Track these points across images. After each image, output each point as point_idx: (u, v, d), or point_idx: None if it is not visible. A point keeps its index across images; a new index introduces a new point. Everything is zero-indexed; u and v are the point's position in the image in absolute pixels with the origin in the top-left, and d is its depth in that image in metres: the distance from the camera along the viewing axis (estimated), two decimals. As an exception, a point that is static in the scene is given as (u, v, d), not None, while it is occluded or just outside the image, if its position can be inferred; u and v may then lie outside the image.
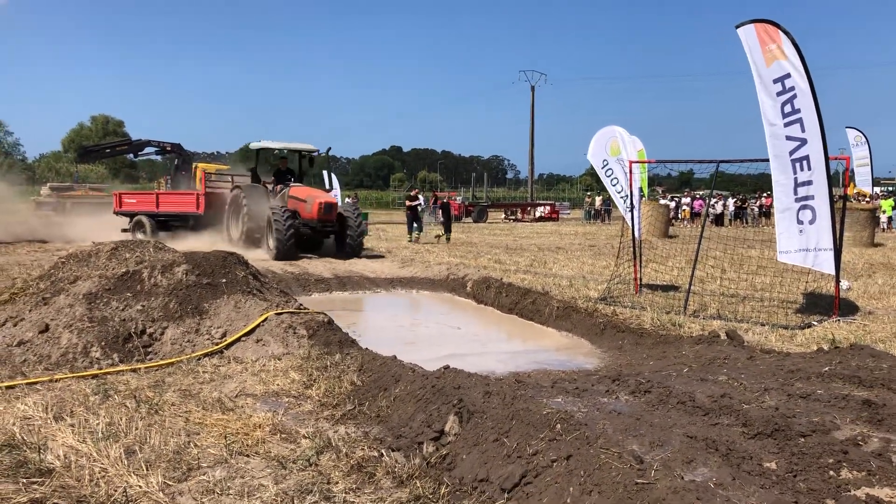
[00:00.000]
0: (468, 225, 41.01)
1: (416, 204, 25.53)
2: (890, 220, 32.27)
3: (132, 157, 43.79)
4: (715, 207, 39.17)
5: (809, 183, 8.62)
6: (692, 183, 56.52)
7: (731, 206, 42.20)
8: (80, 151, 43.44)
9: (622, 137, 12.06)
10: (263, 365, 6.23)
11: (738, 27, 9.03)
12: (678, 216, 39.54)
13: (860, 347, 6.04)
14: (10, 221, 23.41)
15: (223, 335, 6.82)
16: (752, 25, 8.92)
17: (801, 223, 8.75)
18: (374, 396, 5.16)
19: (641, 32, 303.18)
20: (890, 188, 56.67)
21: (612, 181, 12.15)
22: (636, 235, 11.71)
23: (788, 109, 8.64)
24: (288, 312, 7.19)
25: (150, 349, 6.53)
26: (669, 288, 11.67)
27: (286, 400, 5.31)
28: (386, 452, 4.16)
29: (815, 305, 9.82)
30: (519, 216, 49.29)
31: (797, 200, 8.77)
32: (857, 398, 4.29)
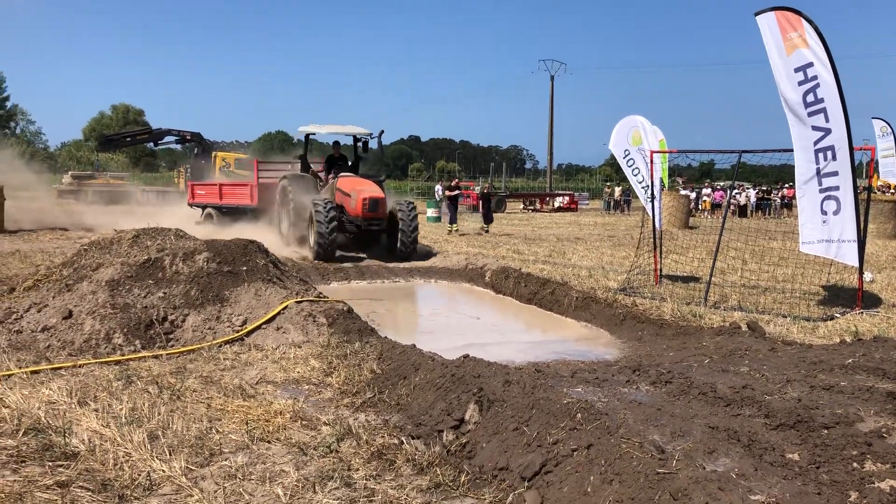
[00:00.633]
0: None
1: (455, 194, 25.13)
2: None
3: (152, 146, 44.17)
4: (737, 199, 38.80)
5: (834, 173, 8.51)
6: (713, 174, 55.96)
7: (752, 197, 41.81)
8: (100, 140, 43.87)
9: (644, 127, 11.97)
10: (284, 352, 6.28)
11: (757, 15, 8.88)
12: (699, 207, 39.19)
13: (884, 340, 5.97)
14: (32, 209, 23.67)
15: (244, 323, 6.87)
16: (772, 13, 8.78)
17: (824, 214, 8.65)
18: (393, 385, 5.18)
19: (662, 21, 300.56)
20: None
21: (633, 171, 12.08)
22: (657, 226, 11.64)
23: (811, 99, 8.52)
24: (308, 301, 7.23)
25: (171, 336, 6.59)
26: (690, 279, 11.60)
27: (306, 387, 5.35)
28: (406, 440, 4.18)
29: (837, 297, 9.72)
30: (538, 206, 49.13)
31: (821, 191, 8.66)
32: (881, 390, 4.24)
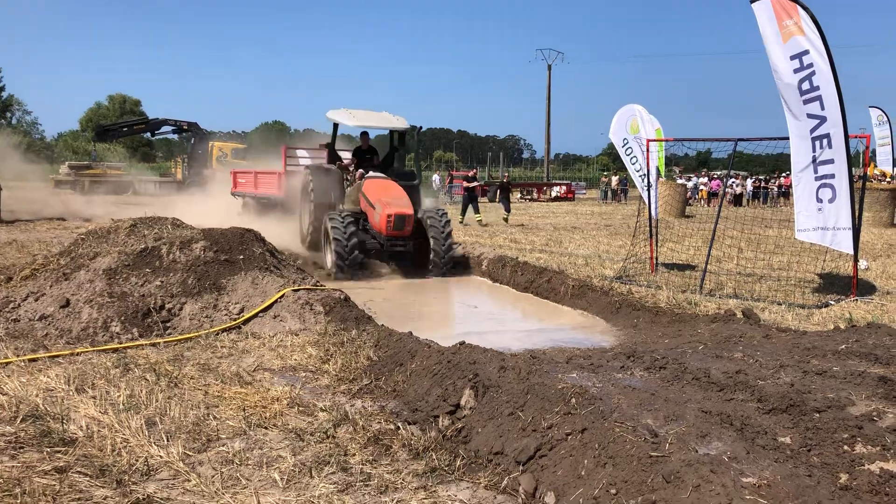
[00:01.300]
0: (483, 204, 40.88)
1: (473, 185, 24.66)
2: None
3: (149, 135, 44.23)
4: (733, 187, 38.81)
5: (829, 161, 8.53)
6: (709, 163, 55.95)
7: (749, 186, 41.82)
8: (97, 130, 43.87)
9: (641, 115, 11.97)
10: (281, 340, 6.30)
11: (753, 2, 8.86)
12: (695, 196, 39.19)
13: (877, 326, 6.01)
14: (30, 199, 23.64)
15: (241, 311, 6.90)
16: (768, 0, 8.76)
17: (820, 201, 8.68)
18: (390, 371, 5.21)
19: (660, 10, 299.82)
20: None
21: (631, 160, 12.09)
22: (653, 214, 11.67)
23: (807, 87, 8.52)
24: (305, 289, 7.25)
25: (168, 324, 6.62)
26: (686, 267, 11.64)
27: (303, 374, 5.38)
28: (402, 425, 4.21)
29: (832, 285, 9.77)
30: (535, 196, 49.12)
31: (816, 179, 8.68)
32: (872, 375, 4.28)
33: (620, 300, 8.95)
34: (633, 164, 12.14)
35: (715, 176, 43.63)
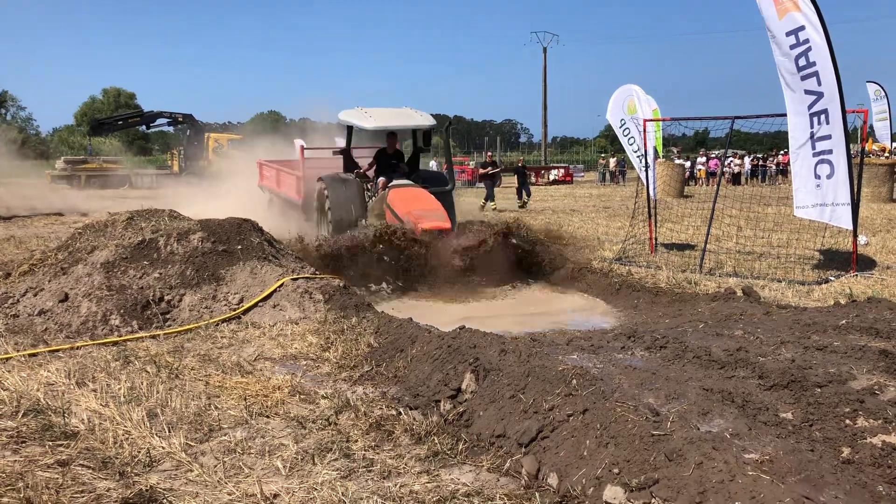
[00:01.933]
0: (481, 190, 40.79)
1: (488, 171, 24.71)
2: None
3: (144, 128, 44.00)
4: (731, 166, 38.71)
5: (827, 137, 8.51)
6: (707, 143, 55.84)
7: (747, 164, 41.69)
8: (92, 124, 43.68)
9: (638, 96, 11.95)
10: (281, 329, 6.30)
11: (749, -22, 8.83)
12: (693, 176, 39.08)
13: (877, 301, 6.01)
14: (26, 195, 23.59)
15: (240, 301, 6.88)
16: None
17: (818, 178, 8.66)
18: (390, 358, 5.20)
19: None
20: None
21: (629, 140, 12.08)
22: (651, 195, 11.64)
23: (803, 63, 8.49)
24: (304, 278, 7.24)
25: (168, 316, 6.61)
26: (685, 247, 11.63)
27: (304, 363, 5.37)
28: (404, 411, 4.21)
29: (832, 261, 9.76)
30: (533, 180, 48.99)
31: (814, 155, 8.66)
32: (873, 349, 4.28)
33: (620, 281, 8.94)
34: (630, 144, 12.12)
35: (713, 155, 43.51)
